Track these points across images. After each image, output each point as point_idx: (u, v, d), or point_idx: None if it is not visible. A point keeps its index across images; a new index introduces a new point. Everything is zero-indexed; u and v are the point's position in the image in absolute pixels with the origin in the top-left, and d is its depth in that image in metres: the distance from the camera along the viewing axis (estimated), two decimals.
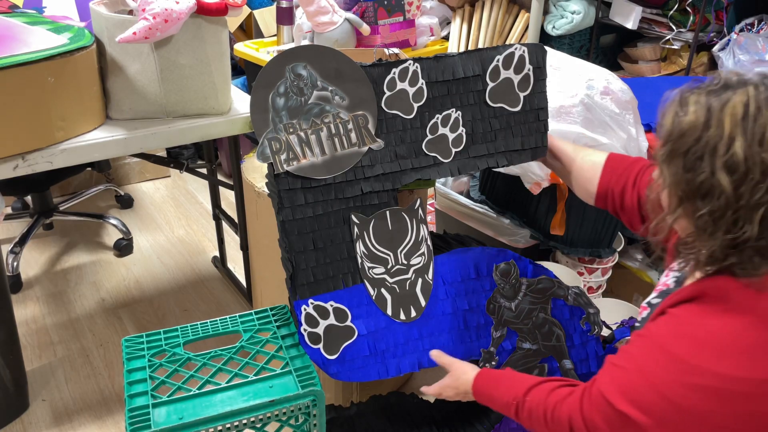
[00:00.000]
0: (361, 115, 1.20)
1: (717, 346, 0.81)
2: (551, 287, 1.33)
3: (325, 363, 1.22)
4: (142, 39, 1.38)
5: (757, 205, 0.77)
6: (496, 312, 1.31)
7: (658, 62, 3.01)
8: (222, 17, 1.52)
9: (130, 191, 3.01)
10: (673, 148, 0.83)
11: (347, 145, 1.20)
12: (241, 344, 1.28)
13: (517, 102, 1.30)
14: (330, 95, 1.18)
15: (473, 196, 2.06)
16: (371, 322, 1.25)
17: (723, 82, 0.83)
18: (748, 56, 2.63)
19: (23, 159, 1.38)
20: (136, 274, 2.43)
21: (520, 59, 1.28)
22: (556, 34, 3.02)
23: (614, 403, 0.87)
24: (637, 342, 0.90)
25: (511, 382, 1.09)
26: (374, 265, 1.24)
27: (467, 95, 1.27)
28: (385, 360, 1.26)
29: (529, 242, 1.91)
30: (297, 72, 1.16)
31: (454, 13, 3.08)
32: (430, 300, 1.28)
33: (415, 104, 1.24)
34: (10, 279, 2.27)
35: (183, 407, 1.14)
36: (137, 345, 1.27)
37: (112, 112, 1.56)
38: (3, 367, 1.68)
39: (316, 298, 1.22)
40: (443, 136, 1.27)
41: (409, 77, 1.23)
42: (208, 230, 2.72)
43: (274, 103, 1.16)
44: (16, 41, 1.38)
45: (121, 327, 2.13)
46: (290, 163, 1.18)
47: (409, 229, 1.26)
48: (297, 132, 1.18)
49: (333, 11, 2.15)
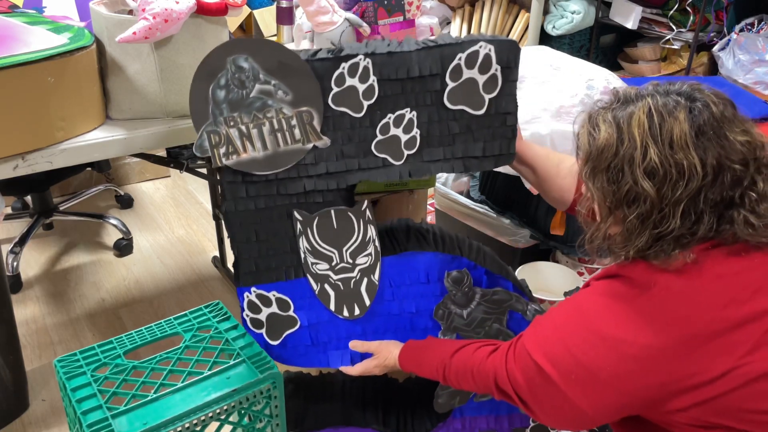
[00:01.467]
0: (306, 111, 1.15)
1: (617, 312, 0.91)
2: (508, 300, 1.29)
3: (268, 347, 1.26)
4: (142, 39, 1.38)
5: (678, 201, 0.86)
6: (446, 318, 1.30)
7: (658, 62, 3.01)
8: (222, 17, 1.52)
9: (130, 191, 3.01)
10: (594, 166, 0.92)
11: (290, 141, 1.16)
12: (185, 344, 1.28)
13: (480, 105, 1.18)
14: (273, 89, 1.14)
15: (473, 196, 2.06)
16: (314, 314, 1.27)
17: (623, 98, 0.93)
18: (748, 56, 2.63)
19: (23, 159, 1.38)
20: (136, 274, 2.43)
21: (485, 58, 1.15)
22: (556, 34, 3.02)
23: (532, 353, 0.97)
24: (562, 305, 1.01)
25: (437, 348, 1.17)
26: (318, 261, 1.24)
27: (423, 95, 1.17)
28: (326, 351, 1.29)
29: (529, 242, 1.91)
30: (238, 64, 1.12)
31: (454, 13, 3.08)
32: (375, 300, 1.28)
33: (365, 102, 1.16)
34: (10, 279, 2.27)
35: (144, 413, 1.13)
36: (73, 363, 1.24)
37: (112, 112, 1.56)
38: (3, 367, 1.68)
39: (259, 286, 1.24)
40: (395, 137, 1.19)
41: (360, 73, 1.15)
42: (208, 230, 2.72)
43: (214, 95, 1.13)
44: (16, 41, 1.38)
45: (121, 327, 2.13)
46: (230, 157, 1.16)
47: (355, 229, 1.24)
48: (238, 125, 1.15)
49: (333, 11, 2.15)
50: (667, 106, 0.88)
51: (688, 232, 0.87)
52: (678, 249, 0.88)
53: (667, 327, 0.87)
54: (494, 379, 1.03)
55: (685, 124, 0.86)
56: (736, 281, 0.88)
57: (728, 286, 0.88)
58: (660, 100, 0.88)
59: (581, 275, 1.89)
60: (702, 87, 0.91)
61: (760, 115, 2.02)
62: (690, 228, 0.87)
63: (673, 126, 0.86)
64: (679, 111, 0.87)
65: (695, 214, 0.86)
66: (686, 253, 0.88)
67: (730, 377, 0.85)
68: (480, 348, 1.09)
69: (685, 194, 0.85)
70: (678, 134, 0.85)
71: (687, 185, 0.85)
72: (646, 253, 0.90)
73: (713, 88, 0.92)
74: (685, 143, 0.85)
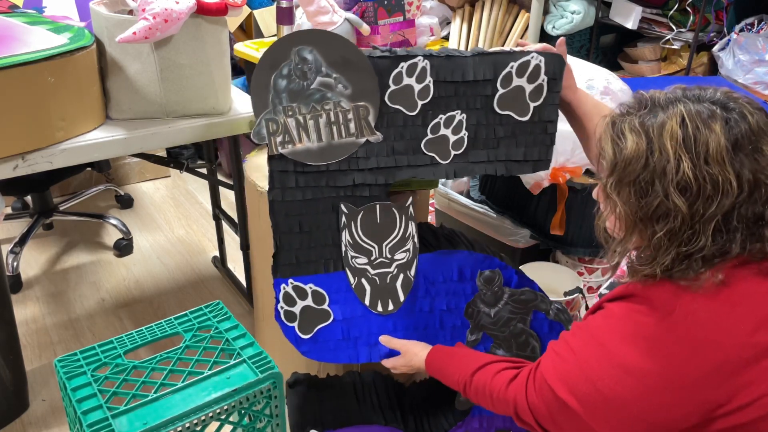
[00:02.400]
0: (363, 106, 1.19)
1: (640, 341, 0.86)
2: (534, 299, 1.33)
3: (298, 341, 1.26)
4: (142, 39, 1.38)
5: (711, 218, 0.81)
6: (474, 316, 1.32)
7: (658, 62, 3.01)
8: (222, 17, 1.52)
9: (130, 191, 3.01)
10: (620, 178, 0.86)
11: (345, 134, 1.19)
12: (185, 344, 1.28)
13: (526, 111, 1.25)
14: (333, 82, 1.17)
15: (473, 196, 2.06)
16: (348, 308, 1.28)
17: (650, 103, 0.87)
18: (748, 56, 2.63)
19: (23, 159, 1.38)
20: (136, 274, 2.43)
21: (535, 68, 1.22)
22: (556, 34, 3.02)
23: (555, 389, 0.92)
24: (578, 333, 0.95)
25: (461, 361, 1.14)
26: (357, 255, 1.25)
27: (474, 99, 1.23)
28: (357, 346, 1.29)
29: (529, 242, 1.91)
30: (302, 55, 1.14)
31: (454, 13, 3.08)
32: (409, 296, 1.29)
33: (420, 101, 1.22)
34: (10, 279, 2.27)
35: (144, 413, 1.13)
36: (74, 363, 1.23)
37: (112, 112, 1.56)
38: (3, 367, 1.68)
39: (297, 278, 1.24)
40: (444, 137, 1.24)
41: (417, 73, 1.20)
42: (208, 230, 2.72)
43: (275, 84, 1.15)
44: (16, 41, 1.38)
45: (121, 327, 2.13)
46: (285, 146, 1.17)
47: (397, 225, 1.26)
48: (296, 116, 1.17)
49: (333, 11, 2.15)
50: (701, 116, 0.82)
51: (718, 251, 0.82)
52: (706, 268, 0.83)
53: (695, 355, 0.83)
54: (514, 409, 1.00)
55: (721, 136, 0.80)
56: (766, 302, 0.84)
57: (758, 308, 0.83)
58: (693, 108, 0.83)
59: (581, 275, 1.89)
60: (735, 94, 0.86)
61: None
62: (721, 246, 0.82)
63: (709, 138, 0.80)
64: (715, 122, 0.81)
65: (727, 231, 0.82)
66: (714, 272, 0.83)
67: (759, 404, 0.82)
68: (500, 373, 1.06)
69: (718, 211, 0.80)
70: (714, 147, 0.80)
71: (721, 201, 0.80)
72: (671, 272, 0.85)
73: (746, 96, 0.87)
74: (721, 157, 0.80)
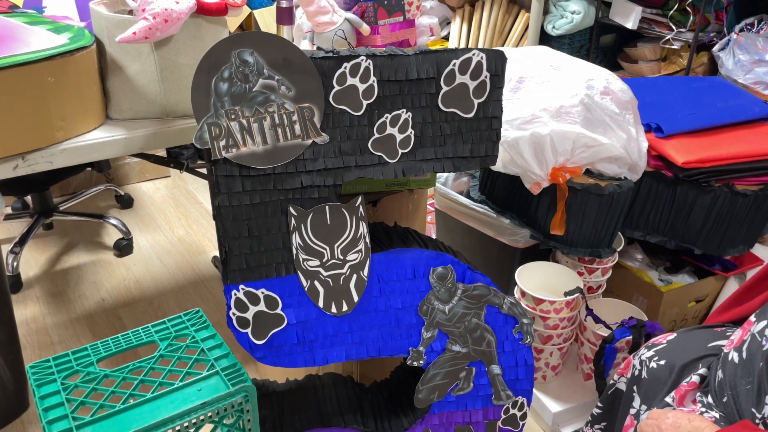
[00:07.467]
0: (307, 108, 1.18)
1: None
2: (486, 294, 1.34)
3: (252, 347, 1.26)
4: (142, 39, 1.38)
5: None
6: (429, 313, 1.33)
7: (658, 62, 3.01)
8: (222, 17, 1.52)
9: (130, 191, 3.01)
10: None
11: (290, 136, 1.18)
12: (159, 353, 1.25)
13: (470, 108, 1.27)
14: (276, 84, 1.15)
15: (473, 196, 2.06)
16: (302, 312, 1.27)
17: None
18: (748, 56, 2.63)
19: (23, 159, 1.38)
20: (136, 274, 2.43)
21: (477, 65, 1.24)
22: (556, 34, 3.02)
23: None
24: None
25: None
26: (309, 257, 1.25)
27: (419, 97, 1.24)
28: (312, 349, 1.29)
29: (529, 242, 1.91)
30: (243, 58, 1.13)
31: (454, 13, 3.08)
32: (363, 296, 1.29)
33: (365, 101, 1.21)
34: (10, 279, 2.27)
35: (109, 424, 1.09)
36: (46, 370, 1.21)
37: (112, 112, 1.56)
38: (3, 367, 1.68)
39: (248, 284, 1.23)
40: (391, 136, 1.24)
41: (361, 73, 1.19)
42: (208, 230, 2.72)
43: (216, 88, 1.13)
44: (16, 41, 1.38)
45: (121, 327, 2.13)
46: (229, 150, 1.16)
47: (348, 225, 1.26)
48: (239, 119, 1.15)
49: (333, 11, 2.15)
50: None
51: None
52: None
53: None
54: None
55: None
56: None
57: None
58: None
59: (581, 275, 1.89)
60: None
61: (760, 116, 2.02)
62: None
63: None
64: None
65: None
66: None
67: None
68: None
69: None
70: None
71: None
72: None
73: None
74: None
